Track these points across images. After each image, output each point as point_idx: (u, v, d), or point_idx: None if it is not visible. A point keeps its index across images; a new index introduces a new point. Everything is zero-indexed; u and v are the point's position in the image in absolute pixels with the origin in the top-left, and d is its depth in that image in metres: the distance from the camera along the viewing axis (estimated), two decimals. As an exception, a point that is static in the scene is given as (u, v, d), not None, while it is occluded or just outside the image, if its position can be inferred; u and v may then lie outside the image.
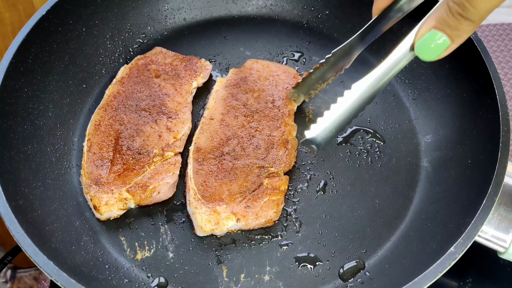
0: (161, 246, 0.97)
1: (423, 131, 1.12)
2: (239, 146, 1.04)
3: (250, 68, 1.16)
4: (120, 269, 0.94)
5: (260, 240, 0.98)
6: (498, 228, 0.89)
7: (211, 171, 1.01)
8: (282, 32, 1.27)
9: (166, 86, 1.13)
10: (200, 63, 1.17)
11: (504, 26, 1.47)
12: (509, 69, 1.40)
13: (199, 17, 1.30)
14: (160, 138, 1.05)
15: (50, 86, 1.07)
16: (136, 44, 1.24)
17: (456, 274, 1.05)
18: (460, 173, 0.99)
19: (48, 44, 1.07)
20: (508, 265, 1.06)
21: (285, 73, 1.15)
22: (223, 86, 1.13)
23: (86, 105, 1.14)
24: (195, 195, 0.98)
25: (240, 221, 0.96)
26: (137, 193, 0.98)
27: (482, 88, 0.98)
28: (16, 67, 0.98)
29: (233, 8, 1.31)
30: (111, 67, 1.20)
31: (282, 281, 0.94)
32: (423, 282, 0.78)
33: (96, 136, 1.04)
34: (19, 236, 0.81)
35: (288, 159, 1.04)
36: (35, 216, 0.90)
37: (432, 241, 0.91)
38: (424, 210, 1.00)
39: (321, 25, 1.27)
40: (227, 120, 1.07)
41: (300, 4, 1.29)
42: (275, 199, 0.98)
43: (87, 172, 1.00)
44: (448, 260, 0.80)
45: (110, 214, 0.98)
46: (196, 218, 0.96)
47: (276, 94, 1.12)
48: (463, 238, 0.81)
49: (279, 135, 1.06)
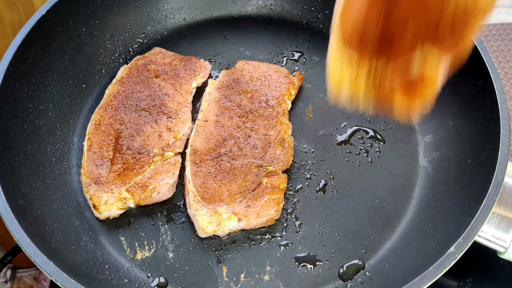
0: (161, 246, 0.97)
1: (423, 131, 1.12)
2: (236, 146, 1.04)
3: (242, 69, 1.16)
4: (120, 269, 0.94)
5: (260, 240, 0.98)
6: (498, 228, 0.89)
7: (210, 173, 1.01)
8: (282, 32, 1.27)
9: (166, 86, 1.13)
10: (200, 63, 1.17)
11: (504, 26, 1.47)
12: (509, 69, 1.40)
13: (199, 17, 1.30)
14: (160, 138, 1.05)
15: (50, 86, 1.07)
16: (136, 44, 1.24)
17: (456, 274, 1.04)
18: (460, 173, 0.99)
19: (48, 44, 1.07)
20: (508, 265, 1.06)
21: (277, 73, 1.16)
22: (215, 88, 1.13)
23: (86, 105, 1.14)
24: (194, 197, 0.98)
25: (242, 220, 0.96)
26: (137, 193, 0.98)
27: (482, 88, 0.98)
28: (16, 67, 0.98)
29: (233, 8, 1.31)
30: (111, 67, 1.20)
31: (282, 281, 0.94)
32: (423, 282, 0.78)
33: (96, 136, 1.04)
34: (19, 236, 0.81)
35: (286, 157, 1.04)
36: (35, 216, 0.90)
37: (432, 241, 0.91)
38: (424, 210, 1.00)
39: (321, 25, 1.28)
40: (222, 121, 1.08)
41: (300, 4, 1.29)
42: (275, 198, 0.98)
43: (87, 171, 1.00)
44: (448, 260, 0.80)
45: (109, 214, 0.99)
46: (197, 220, 0.96)
47: (269, 93, 1.12)
48: (463, 238, 0.81)
49: (275, 134, 1.06)
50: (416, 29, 0.74)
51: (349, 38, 0.76)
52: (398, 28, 0.75)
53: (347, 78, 0.79)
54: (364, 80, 0.78)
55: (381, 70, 0.77)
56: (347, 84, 0.79)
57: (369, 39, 0.76)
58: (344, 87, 0.79)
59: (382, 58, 0.77)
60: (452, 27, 0.72)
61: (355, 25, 0.76)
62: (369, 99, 0.80)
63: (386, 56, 0.77)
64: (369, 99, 0.80)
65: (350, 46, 0.77)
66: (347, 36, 0.76)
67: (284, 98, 1.12)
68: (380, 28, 0.74)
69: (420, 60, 0.75)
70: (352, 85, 0.79)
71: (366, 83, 0.78)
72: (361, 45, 0.77)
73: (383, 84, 0.78)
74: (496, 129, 0.91)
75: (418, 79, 0.77)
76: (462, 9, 0.71)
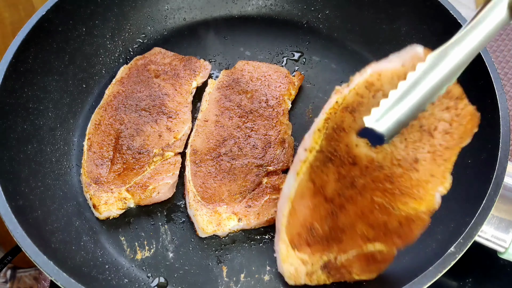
0: (161, 246, 0.97)
1: (423, 131, 1.12)
2: (236, 146, 1.04)
3: (242, 69, 1.16)
4: (120, 269, 0.94)
5: (260, 240, 0.98)
6: (498, 228, 0.89)
7: (210, 172, 1.01)
8: (282, 32, 1.27)
9: (166, 86, 1.13)
10: (199, 63, 1.17)
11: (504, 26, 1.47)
12: (509, 69, 1.40)
13: (199, 17, 1.30)
14: (160, 138, 1.05)
15: (50, 86, 1.07)
16: (136, 44, 1.24)
17: (456, 274, 1.04)
18: (460, 173, 0.99)
19: (48, 44, 1.07)
20: (508, 265, 1.06)
21: (277, 73, 1.16)
22: (215, 88, 1.13)
23: (86, 105, 1.14)
24: (194, 197, 0.98)
25: (242, 220, 0.96)
26: (137, 193, 0.98)
27: (482, 88, 0.98)
28: (16, 67, 0.98)
29: (233, 8, 1.31)
30: (111, 67, 1.20)
31: (282, 281, 0.94)
32: (423, 282, 0.78)
33: (96, 136, 1.04)
34: (19, 236, 0.81)
35: (286, 157, 1.04)
36: (35, 216, 0.90)
37: (432, 241, 0.91)
38: (424, 210, 1.00)
39: (321, 25, 1.27)
40: (222, 121, 1.08)
41: (300, 4, 1.29)
42: (275, 198, 0.98)
43: (87, 171, 1.00)
44: (448, 260, 0.80)
45: (109, 213, 0.99)
46: (197, 220, 0.96)
47: (269, 94, 1.12)
48: (463, 238, 0.81)
49: (275, 134, 1.06)
50: (363, 232, 0.77)
51: (298, 244, 0.81)
52: (346, 232, 0.78)
53: (303, 273, 0.84)
54: (320, 271, 0.83)
55: (334, 258, 0.81)
56: (304, 277, 0.84)
57: (317, 242, 0.80)
58: (302, 279, 0.85)
59: (333, 250, 0.80)
60: (398, 232, 0.75)
61: (301, 232, 0.80)
62: (329, 279, 0.86)
63: (336, 251, 0.80)
64: (329, 280, 0.86)
65: (299, 251, 0.81)
66: (296, 243, 0.81)
67: (284, 98, 1.12)
68: (327, 232, 0.78)
69: (372, 247, 0.80)
70: (309, 277, 0.84)
71: (322, 273, 0.83)
72: (311, 248, 0.80)
73: (339, 271, 0.82)
74: (496, 129, 0.91)
75: (373, 255, 0.81)
76: (405, 216, 0.75)
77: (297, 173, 0.81)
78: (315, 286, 0.87)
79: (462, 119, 0.71)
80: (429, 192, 0.74)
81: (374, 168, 0.74)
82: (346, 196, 0.77)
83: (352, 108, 0.73)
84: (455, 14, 1.05)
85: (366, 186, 0.75)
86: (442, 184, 0.74)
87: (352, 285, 0.89)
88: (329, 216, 0.79)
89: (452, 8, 1.06)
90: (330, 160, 0.78)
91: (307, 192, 0.81)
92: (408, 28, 1.17)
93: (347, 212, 0.78)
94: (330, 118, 0.77)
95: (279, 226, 0.85)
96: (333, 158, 0.77)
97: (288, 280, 0.88)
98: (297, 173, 0.81)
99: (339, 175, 0.77)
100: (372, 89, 0.71)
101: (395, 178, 0.74)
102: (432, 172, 0.73)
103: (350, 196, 0.77)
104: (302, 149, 0.81)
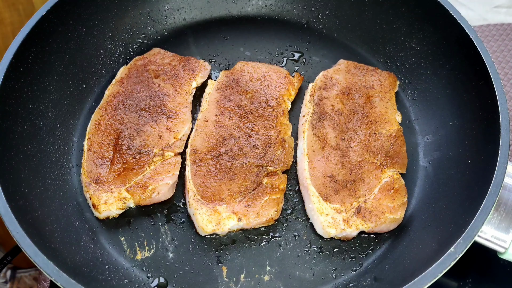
0: (161, 246, 0.97)
1: (423, 131, 1.12)
2: (236, 146, 1.04)
3: (241, 70, 1.16)
4: (120, 269, 0.94)
5: (260, 240, 0.98)
6: (498, 228, 0.89)
7: (210, 172, 1.01)
8: (282, 32, 1.27)
9: (166, 86, 1.13)
10: (199, 63, 1.17)
11: (504, 26, 1.47)
12: (509, 69, 1.40)
13: (199, 17, 1.30)
14: (160, 138, 1.05)
15: (50, 86, 1.07)
16: (136, 44, 1.24)
17: (456, 274, 1.05)
18: (460, 173, 0.99)
19: (48, 44, 1.07)
20: (508, 265, 1.06)
21: (277, 73, 1.16)
22: (215, 89, 1.13)
23: (86, 105, 1.14)
24: (194, 196, 0.98)
25: (241, 220, 0.96)
26: (137, 193, 0.98)
27: (482, 88, 0.98)
28: (16, 67, 0.98)
29: (233, 8, 1.31)
30: (111, 67, 1.20)
31: (282, 281, 0.94)
32: (423, 282, 0.78)
33: (96, 135, 1.04)
34: (19, 236, 0.81)
35: (286, 158, 1.04)
36: (35, 216, 0.90)
37: (432, 241, 0.91)
38: (424, 210, 1.00)
39: (321, 25, 1.27)
40: (222, 121, 1.07)
41: (300, 4, 1.29)
42: (275, 198, 0.98)
43: (87, 170, 1.00)
44: (448, 260, 0.80)
45: (109, 213, 0.99)
46: (197, 219, 0.96)
47: (269, 94, 1.12)
48: (463, 238, 0.81)
49: (275, 134, 1.06)
50: (373, 161, 1.04)
51: (327, 195, 0.98)
52: (361, 166, 1.03)
53: (340, 220, 0.97)
54: (355, 217, 0.97)
55: (364, 202, 0.99)
56: (342, 223, 0.96)
57: (342, 187, 1.00)
58: (341, 226, 0.96)
59: (360, 194, 1.00)
60: (394, 150, 1.05)
61: (325, 182, 1.00)
62: (367, 224, 0.97)
63: (362, 193, 1.00)
64: (367, 224, 0.97)
65: (330, 201, 0.98)
66: (324, 194, 0.98)
67: (284, 99, 1.12)
68: (347, 175, 1.01)
69: (386, 175, 1.03)
70: (346, 223, 0.96)
71: (357, 217, 0.97)
72: (338, 194, 0.99)
73: (372, 213, 0.97)
74: (496, 129, 0.91)
75: (392, 184, 1.02)
76: (389, 135, 1.08)
77: (303, 131, 1.07)
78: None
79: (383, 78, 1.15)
80: (390, 116, 1.09)
81: (354, 112, 1.09)
82: (347, 138, 1.05)
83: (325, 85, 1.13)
84: (455, 14, 1.05)
85: (355, 125, 1.07)
86: (396, 111, 1.11)
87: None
88: (342, 159, 1.02)
89: (452, 8, 1.06)
90: (323, 118, 1.07)
91: (316, 146, 1.04)
92: (408, 28, 1.17)
93: (354, 149, 1.04)
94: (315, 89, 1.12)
95: (305, 182, 1.00)
96: (324, 115, 1.08)
97: (330, 230, 0.95)
98: (303, 132, 1.07)
99: (334, 125, 1.06)
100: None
101: (368, 114, 1.09)
102: (385, 106, 1.11)
103: (349, 137, 1.05)
104: (301, 116, 1.12)
